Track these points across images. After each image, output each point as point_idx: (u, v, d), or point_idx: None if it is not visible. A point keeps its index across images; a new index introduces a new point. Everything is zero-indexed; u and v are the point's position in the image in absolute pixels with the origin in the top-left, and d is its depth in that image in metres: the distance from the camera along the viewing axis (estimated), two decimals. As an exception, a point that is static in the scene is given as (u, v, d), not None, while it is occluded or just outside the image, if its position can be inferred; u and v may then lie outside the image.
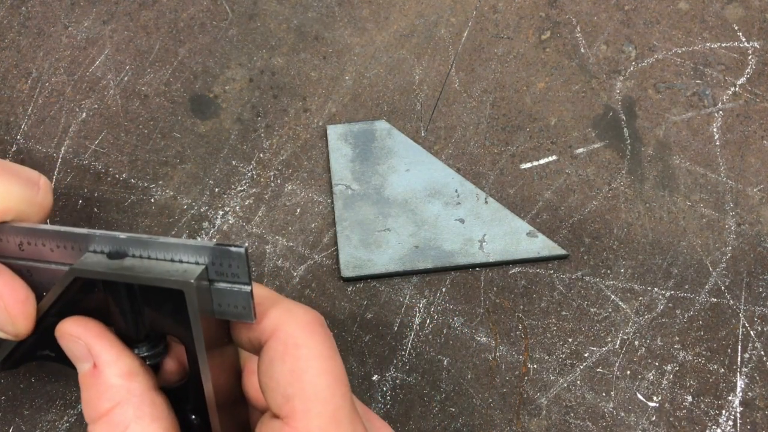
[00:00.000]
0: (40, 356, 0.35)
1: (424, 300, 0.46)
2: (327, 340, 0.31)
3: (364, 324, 0.46)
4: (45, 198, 0.35)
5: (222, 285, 0.31)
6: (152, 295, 0.32)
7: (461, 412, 0.44)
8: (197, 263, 0.31)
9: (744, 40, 0.51)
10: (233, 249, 0.30)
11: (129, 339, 0.33)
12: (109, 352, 0.31)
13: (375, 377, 0.45)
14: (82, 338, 0.31)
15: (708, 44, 0.51)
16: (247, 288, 0.31)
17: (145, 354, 0.33)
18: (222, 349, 0.33)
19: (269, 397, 0.30)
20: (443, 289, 0.46)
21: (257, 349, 0.32)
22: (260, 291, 0.32)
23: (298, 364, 0.30)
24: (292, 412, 0.29)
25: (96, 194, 0.47)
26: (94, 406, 0.30)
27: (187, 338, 0.31)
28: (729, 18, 0.51)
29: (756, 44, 0.50)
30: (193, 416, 0.34)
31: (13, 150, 0.48)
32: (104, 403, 0.30)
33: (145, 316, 0.32)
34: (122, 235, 0.32)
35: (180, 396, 0.33)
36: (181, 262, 0.31)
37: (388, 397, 0.44)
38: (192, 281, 0.30)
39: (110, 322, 0.33)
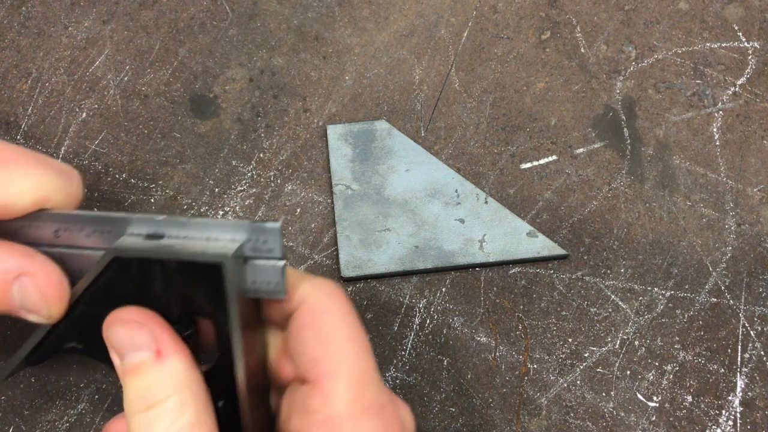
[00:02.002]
0: (66, 349, 0.35)
1: (424, 300, 0.46)
2: (350, 309, 0.32)
3: (364, 324, 0.46)
4: (78, 190, 0.36)
5: (256, 262, 0.32)
6: (188, 273, 0.32)
7: (461, 412, 0.44)
8: (233, 240, 0.32)
9: (744, 40, 0.51)
10: (269, 224, 0.32)
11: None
12: (174, 340, 0.32)
13: (375, 377, 0.45)
14: (148, 324, 0.32)
15: (708, 44, 0.51)
16: (281, 263, 0.32)
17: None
18: (253, 331, 0.34)
19: (298, 361, 0.31)
20: (443, 289, 0.46)
21: (283, 324, 0.33)
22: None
23: (325, 329, 0.31)
24: (319, 375, 0.30)
25: (96, 194, 0.47)
26: (153, 393, 0.30)
27: (221, 318, 0.32)
28: (729, 18, 0.51)
29: (756, 44, 0.50)
30: (220, 402, 0.34)
31: (13, 150, 0.48)
32: (165, 390, 0.30)
33: (178, 297, 0.33)
34: (159, 217, 0.33)
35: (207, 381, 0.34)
36: (217, 240, 0.32)
37: (388, 397, 0.44)
38: (230, 254, 0.31)
39: (135, 302, 0.34)
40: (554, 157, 0.48)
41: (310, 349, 0.31)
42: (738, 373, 0.45)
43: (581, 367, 0.45)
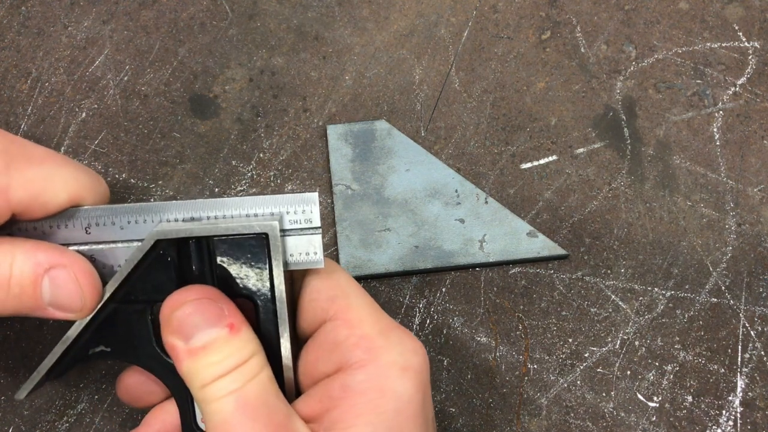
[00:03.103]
0: (92, 355, 0.35)
1: (424, 300, 0.46)
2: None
3: (364, 324, 0.46)
4: (106, 191, 0.37)
5: (295, 234, 0.34)
6: (227, 253, 0.34)
7: (461, 412, 0.44)
8: (272, 213, 0.34)
9: (744, 40, 0.51)
10: (306, 195, 0.34)
11: None
12: (238, 311, 0.33)
13: (375, 377, 0.45)
14: (218, 300, 0.33)
15: (708, 44, 0.50)
16: (319, 231, 0.34)
17: None
18: (289, 309, 0.35)
19: (318, 306, 0.35)
20: (443, 289, 0.46)
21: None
22: None
23: (336, 278, 0.35)
24: (338, 310, 0.34)
25: (96, 194, 0.47)
26: (231, 360, 0.32)
27: (262, 294, 0.34)
28: (729, 18, 0.51)
29: (756, 44, 0.50)
30: None
31: (12, 150, 0.48)
32: (243, 355, 0.32)
33: (215, 281, 0.34)
34: (196, 200, 0.34)
35: None
36: (256, 215, 0.34)
37: (388, 398, 0.44)
38: (275, 223, 0.33)
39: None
40: (554, 157, 0.48)
41: (324, 291, 0.35)
42: (738, 373, 0.45)
43: (581, 368, 0.45)
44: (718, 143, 0.49)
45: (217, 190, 0.47)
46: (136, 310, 0.34)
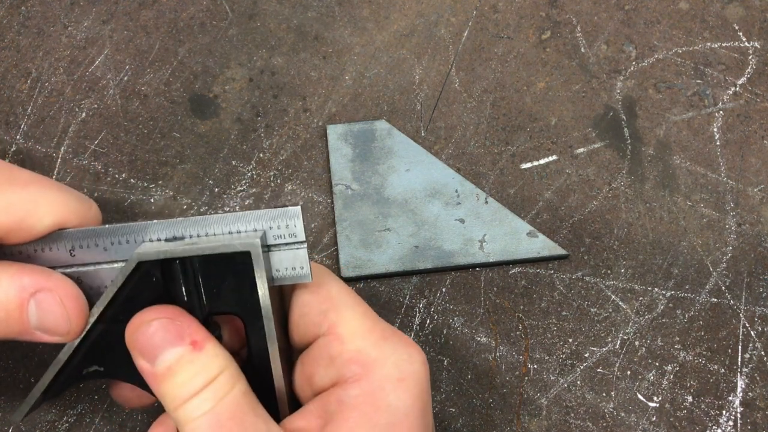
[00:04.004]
0: (86, 375, 0.35)
1: (424, 300, 0.46)
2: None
3: (364, 324, 0.46)
4: (96, 215, 0.36)
5: (280, 249, 0.34)
6: (213, 270, 0.33)
7: (461, 412, 0.44)
8: (255, 230, 0.33)
9: (744, 39, 0.51)
10: (289, 209, 0.33)
11: None
12: (202, 328, 0.32)
13: (375, 377, 0.45)
14: (177, 318, 0.32)
15: (708, 44, 0.50)
16: (305, 246, 0.34)
17: None
18: (279, 323, 0.35)
19: (309, 321, 0.34)
20: (443, 290, 0.46)
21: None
22: None
23: (327, 289, 0.34)
24: (331, 325, 0.34)
25: (96, 194, 0.47)
26: (199, 378, 0.31)
27: (249, 312, 0.33)
28: (729, 18, 0.51)
29: (756, 44, 0.50)
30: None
31: (12, 150, 0.48)
32: (211, 372, 0.31)
33: (203, 300, 0.34)
34: (178, 219, 0.34)
35: None
36: (239, 232, 0.33)
37: (388, 398, 0.44)
38: (256, 241, 0.32)
39: None
40: (554, 157, 0.48)
41: (315, 305, 0.34)
42: (738, 374, 0.44)
43: (581, 368, 0.45)
44: (718, 143, 0.49)
45: (217, 190, 0.47)
46: (124, 330, 0.34)
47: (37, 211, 0.33)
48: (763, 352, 0.45)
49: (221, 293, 0.33)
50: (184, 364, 0.31)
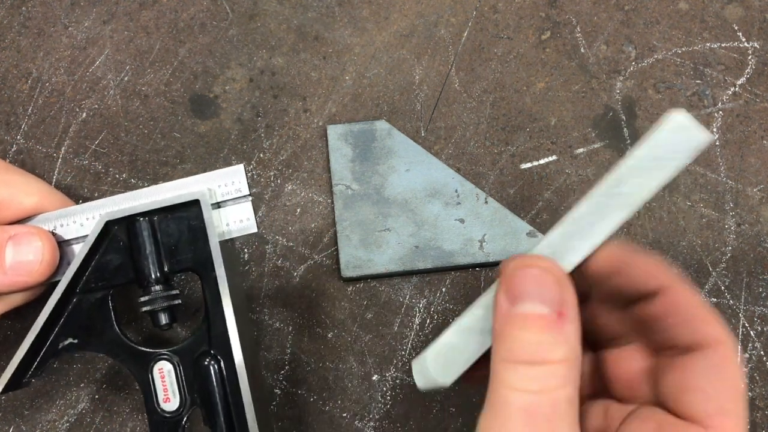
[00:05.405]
0: (62, 348, 0.38)
1: (424, 300, 0.46)
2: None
3: (364, 324, 0.46)
4: (68, 203, 0.42)
5: (228, 204, 0.39)
6: (170, 227, 0.38)
7: (461, 412, 0.44)
8: (209, 190, 0.39)
9: (744, 40, 0.51)
10: (234, 167, 0.39)
11: (147, 282, 0.38)
12: (575, 309, 0.29)
13: (375, 377, 0.45)
14: (563, 283, 0.29)
15: (708, 44, 0.51)
16: (249, 199, 0.39)
17: (162, 294, 0.38)
18: (239, 299, 0.39)
19: (692, 399, 0.29)
20: (443, 289, 0.46)
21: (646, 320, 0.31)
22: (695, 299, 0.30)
23: (733, 384, 0.29)
24: (720, 428, 0.28)
25: (96, 194, 0.47)
26: (543, 351, 0.28)
27: (205, 266, 0.37)
28: (729, 18, 0.51)
29: (756, 44, 0.50)
30: (208, 361, 0.38)
31: (13, 150, 0.48)
32: (556, 353, 0.28)
33: (162, 257, 0.38)
34: (141, 190, 0.39)
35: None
36: (191, 191, 0.39)
37: (388, 397, 0.44)
38: (205, 189, 0.38)
39: (130, 274, 0.38)
40: (554, 157, 0.48)
41: (714, 397, 0.29)
42: (738, 373, 0.45)
43: (581, 367, 0.45)
44: (717, 143, 0.49)
45: (217, 190, 0.47)
46: (98, 298, 0.38)
47: (27, 188, 0.39)
48: (762, 352, 0.45)
49: (179, 251, 0.37)
50: (538, 324, 0.28)
